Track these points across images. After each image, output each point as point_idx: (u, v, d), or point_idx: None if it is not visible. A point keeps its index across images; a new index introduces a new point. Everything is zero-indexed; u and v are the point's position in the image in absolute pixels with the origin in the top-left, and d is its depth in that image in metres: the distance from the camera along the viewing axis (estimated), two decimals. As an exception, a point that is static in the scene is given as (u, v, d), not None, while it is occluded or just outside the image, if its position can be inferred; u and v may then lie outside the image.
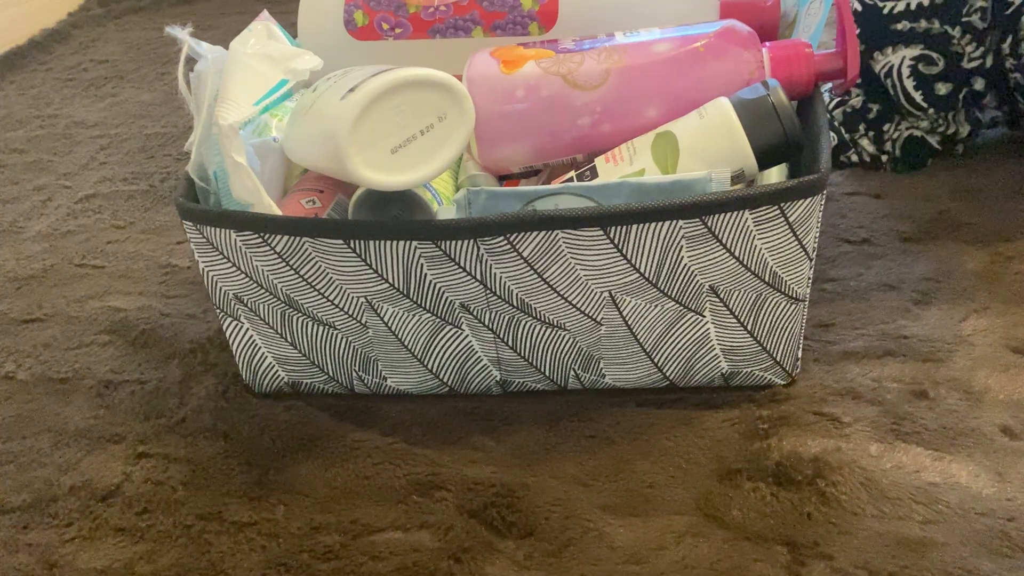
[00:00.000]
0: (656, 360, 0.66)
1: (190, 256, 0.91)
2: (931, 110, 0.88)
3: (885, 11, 0.87)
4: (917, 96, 0.87)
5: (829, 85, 0.72)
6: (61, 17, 1.65)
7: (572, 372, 0.68)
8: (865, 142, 0.92)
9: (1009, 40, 0.85)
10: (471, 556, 0.57)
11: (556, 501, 0.60)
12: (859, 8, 0.88)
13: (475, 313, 0.65)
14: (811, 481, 0.60)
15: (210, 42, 0.71)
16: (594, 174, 0.64)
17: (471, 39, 0.74)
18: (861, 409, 0.65)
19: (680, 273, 0.62)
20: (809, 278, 0.63)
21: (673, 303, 0.64)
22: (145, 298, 0.85)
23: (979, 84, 0.89)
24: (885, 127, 0.91)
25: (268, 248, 0.64)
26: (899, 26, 0.87)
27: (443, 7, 0.74)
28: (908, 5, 0.86)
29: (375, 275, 0.64)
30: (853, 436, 0.62)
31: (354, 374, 0.70)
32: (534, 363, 0.67)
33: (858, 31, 0.89)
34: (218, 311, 0.69)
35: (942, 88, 0.88)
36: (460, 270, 0.63)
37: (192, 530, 0.61)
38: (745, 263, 0.62)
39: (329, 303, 0.66)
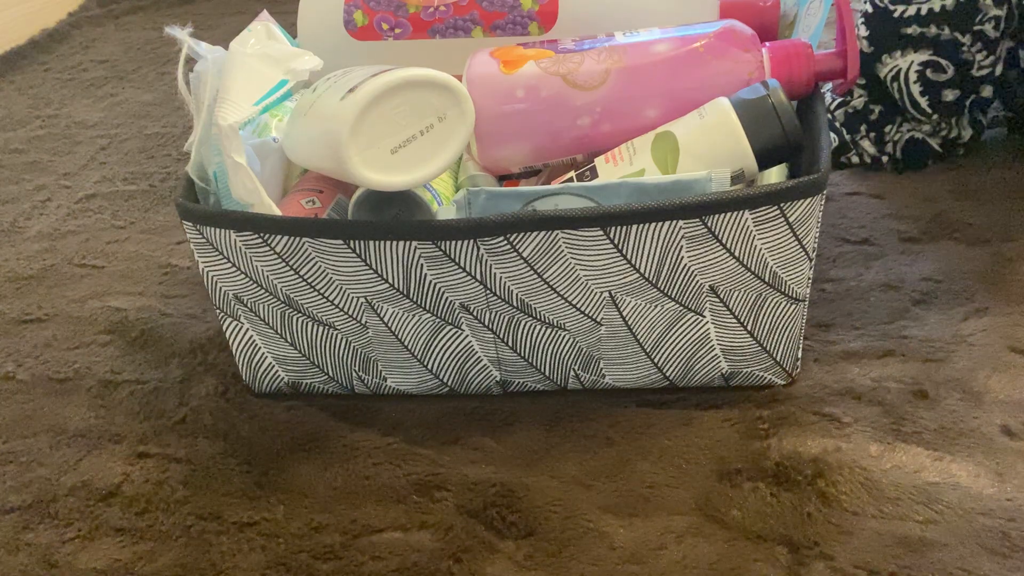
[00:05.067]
0: (656, 360, 0.66)
1: (190, 256, 0.91)
2: (935, 116, 0.88)
3: (895, 14, 0.86)
4: (923, 102, 0.87)
5: (830, 85, 0.72)
6: (61, 17, 1.64)
7: (572, 372, 0.68)
8: (866, 143, 0.92)
9: None
10: (471, 556, 0.57)
11: (556, 501, 0.60)
12: (870, 10, 0.88)
13: (475, 313, 0.65)
14: (811, 481, 0.60)
15: (210, 42, 0.71)
16: (594, 174, 0.64)
17: (471, 39, 0.74)
18: (861, 409, 0.65)
19: (680, 273, 0.62)
20: (809, 278, 0.63)
21: (673, 303, 0.64)
22: (145, 298, 0.85)
23: (987, 91, 0.88)
24: (887, 128, 0.91)
25: (268, 248, 0.64)
26: (909, 30, 0.86)
27: (443, 7, 0.74)
28: (919, 10, 0.85)
29: (375, 275, 0.64)
30: (853, 436, 0.62)
31: (354, 374, 0.70)
32: (534, 363, 0.67)
33: (867, 33, 0.88)
34: (218, 311, 0.69)
35: (949, 95, 0.87)
36: (460, 270, 0.63)
37: (192, 530, 0.61)
38: (745, 263, 0.62)
39: (329, 303, 0.66)
